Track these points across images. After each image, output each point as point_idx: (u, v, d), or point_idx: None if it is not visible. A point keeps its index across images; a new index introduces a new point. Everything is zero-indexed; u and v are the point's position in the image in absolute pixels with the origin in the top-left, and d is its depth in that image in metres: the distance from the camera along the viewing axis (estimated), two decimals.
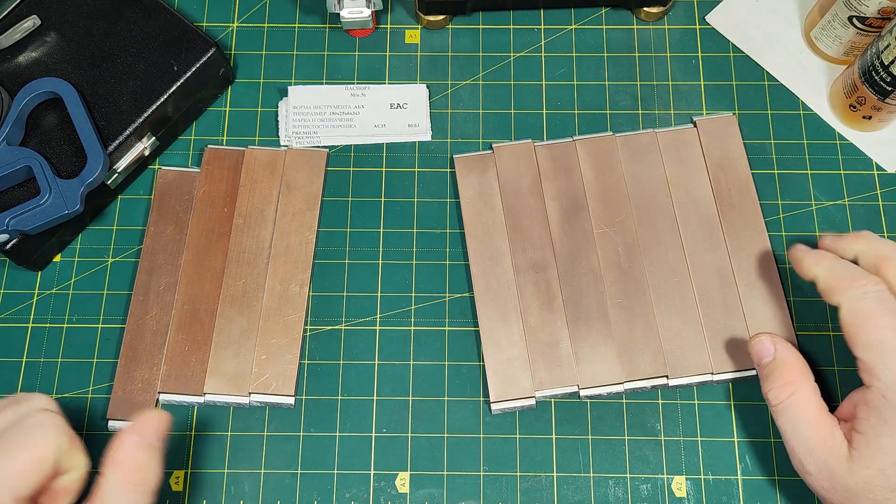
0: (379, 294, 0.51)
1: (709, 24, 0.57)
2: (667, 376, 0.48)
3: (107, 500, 0.37)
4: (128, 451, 0.38)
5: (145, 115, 0.50)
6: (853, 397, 0.43)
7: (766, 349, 0.45)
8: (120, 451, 0.38)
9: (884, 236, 0.51)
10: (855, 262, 0.44)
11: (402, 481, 0.47)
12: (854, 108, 0.52)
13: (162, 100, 0.50)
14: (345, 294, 0.51)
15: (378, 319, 0.50)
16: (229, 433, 0.48)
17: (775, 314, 0.49)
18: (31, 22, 0.51)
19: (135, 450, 0.38)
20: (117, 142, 0.50)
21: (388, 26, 0.57)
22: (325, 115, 0.54)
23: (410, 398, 0.49)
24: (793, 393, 0.43)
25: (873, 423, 0.40)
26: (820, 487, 0.42)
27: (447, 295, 0.51)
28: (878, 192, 0.53)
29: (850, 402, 0.43)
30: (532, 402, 0.48)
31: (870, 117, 0.52)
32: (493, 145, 0.53)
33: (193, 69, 0.51)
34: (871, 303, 0.41)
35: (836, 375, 0.49)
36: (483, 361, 0.49)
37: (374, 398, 0.49)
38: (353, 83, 0.55)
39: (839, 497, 0.41)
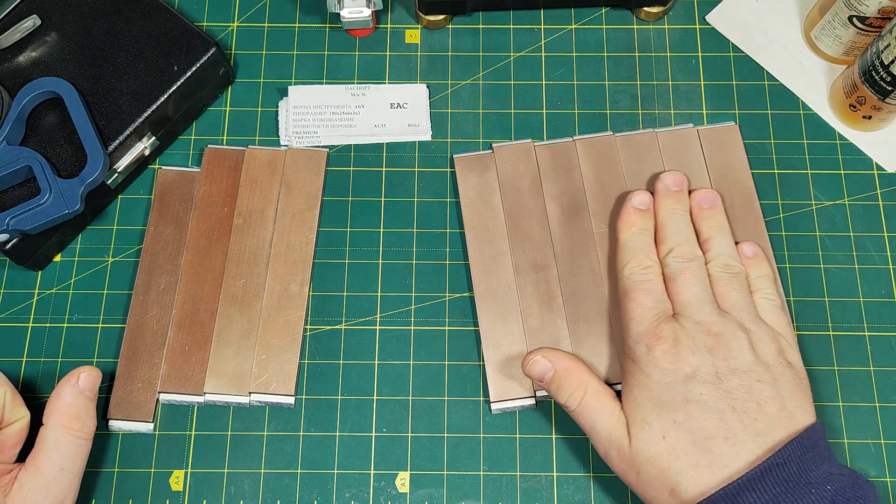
0: (379, 294, 0.51)
1: (709, 24, 0.57)
2: None
3: (50, 446, 0.42)
4: (66, 401, 0.43)
5: (145, 114, 0.50)
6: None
7: (544, 366, 0.45)
8: (59, 402, 0.43)
9: (884, 236, 0.51)
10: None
11: (402, 481, 0.47)
12: (854, 107, 0.52)
13: (162, 99, 0.50)
14: (345, 294, 0.51)
15: (378, 319, 0.50)
16: (229, 433, 0.48)
17: None
18: (31, 22, 0.51)
19: (72, 400, 0.43)
20: (117, 141, 0.50)
21: (388, 26, 0.57)
22: (326, 114, 0.54)
23: (410, 398, 0.49)
24: (585, 391, 0.44)
25: (626, 380, 0.44)
26: (621, 471, 0.42)
27: (447, 295, 0.51)
28: (878, 192, 0.53)
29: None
30: (532, 401, 0.48)
31: (870, 117, 0.52)
32: (493, 145, 0.53)
33: (193, 69, 0.51)
34: (627, 283, 0.46)
35: (837, 375, 0.49)
36: (483, 361, 0.49)
37: (374, 398, 0.49)
38: (353, 83, 0.55)
39: (632, 473, 0.42)
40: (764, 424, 0.40)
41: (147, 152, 0.52)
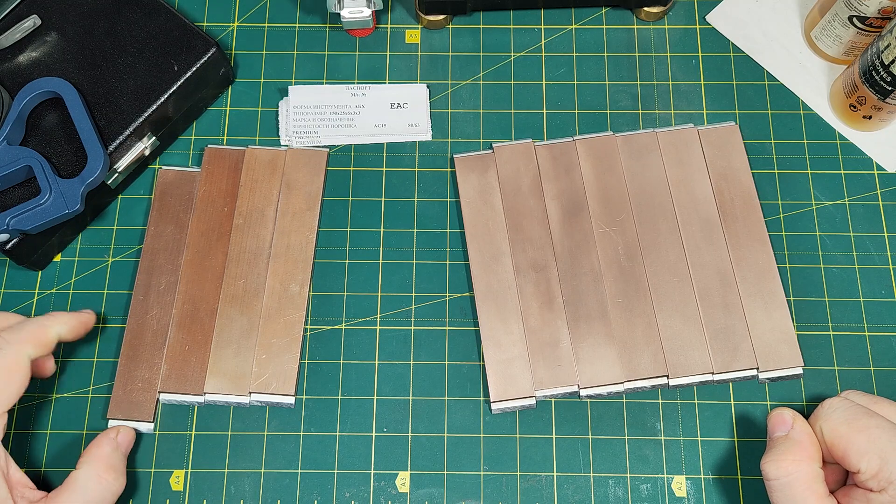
0: (379, 294, 0.51)
1: (709, 24, 0.57)
2: (667, 376, 0.48)
3: (79, 489, 0.43)
4: (105, 451, 0.44)
5: (146, 114, 0.50)
6: (855, 496, 0.41)
7: (783, 422, 0.43)
8: (98, 450, 0.44)
9: (884, 236, 0.51)
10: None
11: (403, 481, 0.47)
12: (854, 107, 0.52)
13: (162, 99, 0.50)
14: (345, 294, 0.51)
15: (378, 319, 0.50)
16: (229, 433, 0.48)
17: (775, 314, 0.49)
18: (32, 22, 0.51)
19: (110, 452, 0.44)
20: (118, 141, 0.50)
21: (389, 26, 0.57)
22: (326, 114, 0.54)
23: (410, 398, 0.49)
24: (794, 472, 0.41)
25: None
26: None
27: (447, 295, 0.51)
28: (878, 191, 0.53)
29: (849, 498, 0.41)
30: (532, 401, 0.48)
31: (870, 117, 0.52)
32: (494, 145, 0.53)
33: (194, 69, 0.51)
34: (843, 411, 0.42)
35: (837, 375, 0.49)
36: (483, 361, 0.49)
37: (374, 398, 0.49)
38: (354, 83, 0.55)
39: None
40: None
41: (147, 152, 0.52)
